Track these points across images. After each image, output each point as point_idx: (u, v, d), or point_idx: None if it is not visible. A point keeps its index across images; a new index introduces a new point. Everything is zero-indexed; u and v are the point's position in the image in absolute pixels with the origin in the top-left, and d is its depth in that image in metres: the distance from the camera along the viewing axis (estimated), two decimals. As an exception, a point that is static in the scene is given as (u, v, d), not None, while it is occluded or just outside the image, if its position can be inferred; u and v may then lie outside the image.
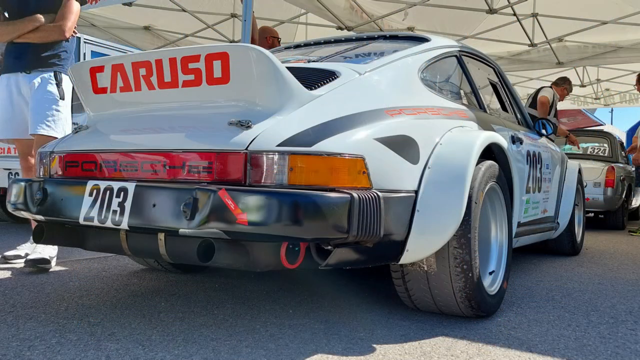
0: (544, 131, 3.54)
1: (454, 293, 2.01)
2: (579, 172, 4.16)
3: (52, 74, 3.01)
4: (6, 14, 3.07)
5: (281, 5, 6.57)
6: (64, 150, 2.03)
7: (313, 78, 1.99)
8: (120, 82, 1.93)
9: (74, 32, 3.10)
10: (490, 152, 2.34)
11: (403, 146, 1.87)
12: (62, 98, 3.02)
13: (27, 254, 3.05)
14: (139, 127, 1.91)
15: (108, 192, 1.75)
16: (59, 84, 3.01)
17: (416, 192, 1.89)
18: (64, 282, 2.62)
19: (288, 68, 1.85)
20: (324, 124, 1.72)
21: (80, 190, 1.82)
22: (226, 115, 1.75)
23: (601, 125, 15.21)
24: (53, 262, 2.93)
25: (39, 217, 1.95)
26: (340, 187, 1.63)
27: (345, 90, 1.96)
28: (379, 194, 1.70)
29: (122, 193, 1.72)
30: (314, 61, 2.44)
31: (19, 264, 3.03)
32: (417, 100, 2.15)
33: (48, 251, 2.92)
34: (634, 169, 6.87)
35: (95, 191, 1.79)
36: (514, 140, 2.82)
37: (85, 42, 4.95)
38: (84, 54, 4.91)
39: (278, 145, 1.60)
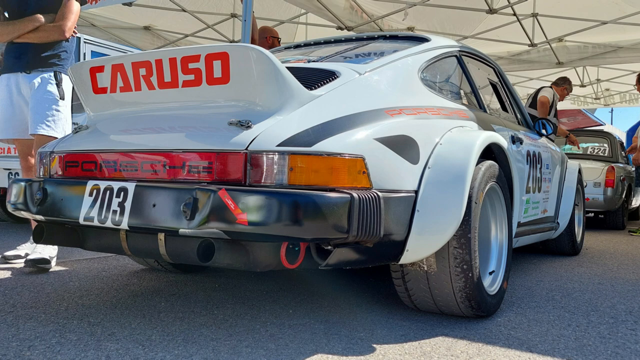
0: (544, 131, 3.54)
1: (454, 293, 2.01)
2: (579, 172, 4.16)
3: (52, 74, 3.01)
4: (6, 14, 3.07)
5: (281, 5, 6.58)
6: (64, 150, 2.03)
7: (313, 78, 1.99)
8: (120, 82, 1.93)
9: (74, 32, 3.10)
10: (490, 152, 2.34)
11: (403, 146, 1.87)
12: (62, 98, 3.02)
13: (27, 254, 3.05)
14: (139, 127, 1.90)
15: (108, 192, 1.76)
16: (59, 84, 3.01)
17: (416, 192, 1.89)
18: (64, 282, 2.62)
19: (288, 68, 1.85)
20: (324, 124, 1.72)
21: (80, 190, 1.82)
22: (226, 115, 1.75)
23: (601, 125, 15.21)
24: (53, 262, 2.93)
25: (39, 217, 1.95)
26: (340, 187, 1.63)
27: (345, 90, 1.96)
28: (379, 194, 1.70)
29: (122, 193, 1.72)
30: (314, 61, 2.44)
31: (19, 264, 3.03)
32: (417, 100, 2.15)
33: (48, 251, 2.92)
34: (634, 169, 6.87)
35: (95, 191, 1.79)
36: (514, 140, 2.82)
37: (85, 42, 4.95)
38: (84, 54, 4.91)
39: (278, 145, 1.60)
